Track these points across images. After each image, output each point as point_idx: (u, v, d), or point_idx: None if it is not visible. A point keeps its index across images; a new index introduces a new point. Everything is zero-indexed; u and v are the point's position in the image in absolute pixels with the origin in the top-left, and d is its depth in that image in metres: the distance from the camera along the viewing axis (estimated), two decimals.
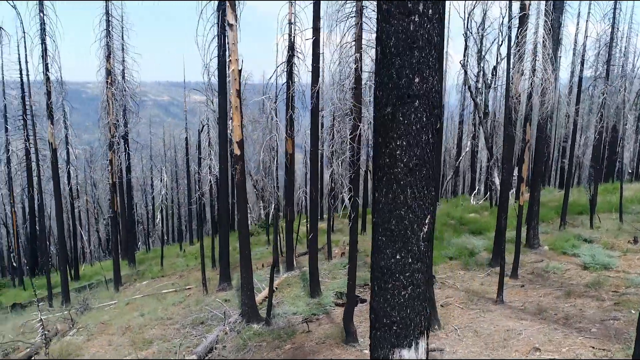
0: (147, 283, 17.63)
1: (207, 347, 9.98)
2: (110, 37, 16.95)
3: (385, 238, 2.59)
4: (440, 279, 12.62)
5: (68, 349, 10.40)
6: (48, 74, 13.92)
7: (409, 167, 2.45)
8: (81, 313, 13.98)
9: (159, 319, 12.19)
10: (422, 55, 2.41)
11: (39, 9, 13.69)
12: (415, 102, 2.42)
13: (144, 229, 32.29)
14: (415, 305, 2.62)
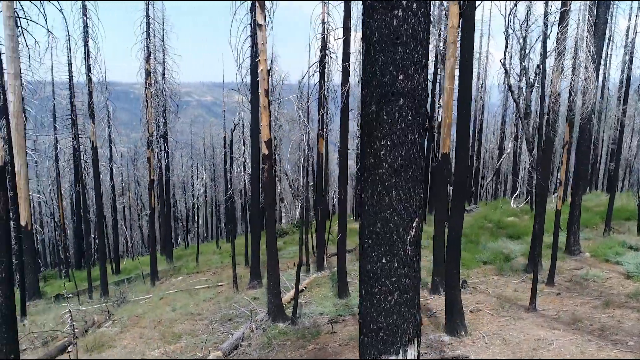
0: (182, 278, 18.06)
1: (233, 343, 10.08)
2: (150, 39, 17.49)
3: (370, 241, 2.51)
4: (472, 284, 12.26)
5: (101, 340, 10.78)
6: (90, 75, 14.52)
7: (394, 168, 2.35)
8: (118, 306, 14.46)
9: (189, 314, 12.43)
10: (407, 52, 2.30)
11: (83, 12, 14.32)
12: (400, 100, 2.32)
13: (183, 225, 33.17)
14: (402, 312, 2.51)
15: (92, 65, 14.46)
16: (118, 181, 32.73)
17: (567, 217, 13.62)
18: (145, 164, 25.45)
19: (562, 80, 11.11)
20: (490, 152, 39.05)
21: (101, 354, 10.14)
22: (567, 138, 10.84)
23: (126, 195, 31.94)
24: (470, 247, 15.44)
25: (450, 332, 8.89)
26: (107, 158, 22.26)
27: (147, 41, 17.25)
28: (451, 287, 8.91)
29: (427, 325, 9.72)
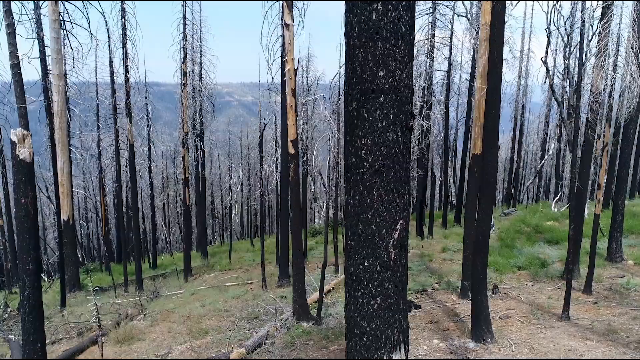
0: (214, 275, 18.38)
1: (257, 341, 10.15)
2: (186, 40, 17.90)
3: (353, 243, 2.43)
4: (504, 290, 11.86)
5: (131, 333, 11.08)
6: (127, 75, 15.00)
7: (375, 168, 2.27)
8: (151, 300, 14.85)
9: (217, 311, 12.62)
10: (387, 47, 2.21)
11: (121, 15, 14.81)
12: (380, 97, 2.23)
13: (219, 223, 33.77)
14: (385, 317, 2.42)
15: (130, 66, 14.93)
16: (159, 179, 33.72)
17: (610, 222, 12.98)
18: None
19: (603, 79, 10.58)
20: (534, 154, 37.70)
21: (130, 346, 10.42)
22: (606, 139, 10.30)
23: (166, 193, 32.83)
24: (504, 252, 14.97)
25: (476, 339, 8.61)
26: (146, 156, 22.95)
27: (184, 42, 17.65)
28: (478, 292, 8.63)
29: (453, 330, 9.47)
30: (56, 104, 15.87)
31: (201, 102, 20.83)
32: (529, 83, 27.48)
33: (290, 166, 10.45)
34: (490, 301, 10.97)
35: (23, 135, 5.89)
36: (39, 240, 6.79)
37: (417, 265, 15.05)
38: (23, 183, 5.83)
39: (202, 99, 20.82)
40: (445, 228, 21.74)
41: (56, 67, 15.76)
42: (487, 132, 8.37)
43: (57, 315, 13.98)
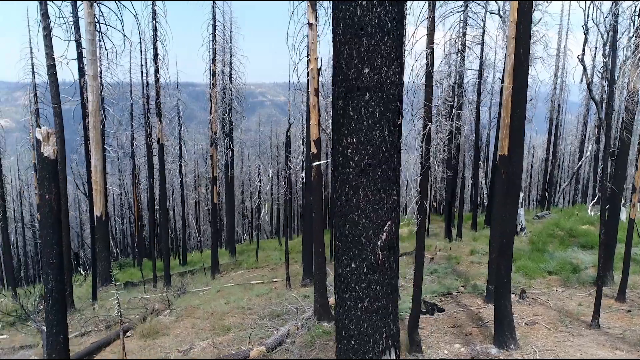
0: (241, 273, 18.58)
1: (277, 339, 10.19)
2: (216, 41, 18.16)
3: (341, 244, 2.38)
4: (533, 295, 11.50)
5: (156, 327, 11.31)
6: (158, 75, 15.36)
7: (361, 168, 2.21)
8: (178, 296, 15.14)
9: (240, 308, 12.74)
10: (372, 43, 2.15)
11: (152, 17, 15.18)
12: (366, 95, 2.17)
13: (249, 221, 34.16)
14: (373, 320, 2.36)
15: (160, 66, 15.28)
16: (191, 177, 34.36)
17: None
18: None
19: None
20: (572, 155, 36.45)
21: (154, 341, 10.64)
22: None
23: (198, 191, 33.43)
24: (535, 256, 14.53)
25: (499, 345, 8.38)
26: (177, 155, 23.42)
27: (213, 43, 17.93)
28: (501, 297, 8.40)
29: (476, 335, 9.25)
30: (90, 103, 16.38)
31: (230, 102, 21.11)
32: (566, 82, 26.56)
33: (311, 165, 10.44)
34: (517, 306, 10.68)
35: (48, 134, 6.06)
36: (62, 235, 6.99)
37: (443, 267, 14.78)
38: (47, 180, 6.01)
39: (232, 98, 21.09)
40: (474, 230, 21.29)
41: (91, 68, 16.27)
42: (512, 132, 8.12)
43: (88, 308, 14.44)
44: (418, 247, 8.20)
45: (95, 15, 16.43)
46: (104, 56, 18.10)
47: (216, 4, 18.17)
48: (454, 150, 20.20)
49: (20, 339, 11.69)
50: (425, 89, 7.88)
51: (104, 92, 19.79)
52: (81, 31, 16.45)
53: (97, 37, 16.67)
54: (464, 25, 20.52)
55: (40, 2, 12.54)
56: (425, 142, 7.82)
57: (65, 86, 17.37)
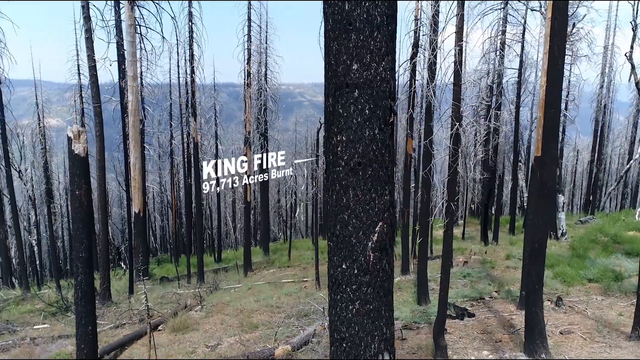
0: (272, 271, 18.73)
1: (303, 339, 10.20)
2: (251, 41, 18.38)
3: (332, 244, 2.33)
4: (570, 302, 11.02)
5: (186, 322, 11.57)
6: (193, 76, 15.70)
7: (350, 166, 2.15)
8: (210, 292, 15.42)
9: (269, 306, 12.84)
10: (361, 39, 2.09)
11: (189, 18, 15.54)
12: (355, 92, 2.11)
13: (283, 220, 34.45)
14: (364, 323, 2.30)
15: (196, 67, 15.62)
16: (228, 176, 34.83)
17: None
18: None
19: None
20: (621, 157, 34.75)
21: (184, 335, 10.88)
22: None
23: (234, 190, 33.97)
24: (575, 262, 13.93)
25: (529, 353, 8.07)
26: (214, 154, 23.88)
27: (248, 43, 18.16)
28: (532, 304, 8.08)
29: (506, 342, 8.95)
30: (130, 103, 16.90)
31: (265, 102, 21.33)
32: (614, 81, 25.32)
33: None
34: (552, 314, 10.26)
35: (78, 132, 6.26)
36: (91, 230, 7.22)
37: (477, 272, 14.41)
38: (78, 176, 6.22)
39: (267, 98, 21.31)
40: (512, 234, 20.64)
41: (131, 69, 16.78)
42: (545, 133, 7.80)
43: (124, 301, 14.92)
44: (445, 250, 8.00)
45: (136, 17, 16.95)
46: (144, 57, 18.65)
47: (252, 4, 18.42)
48: (492, 151, 19.65)
49: (59, 329, 12.22)
50: (454, 88, 7.68)
51: (144, 93, 20.40)
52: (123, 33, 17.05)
53: (137, 38, 17.20)
54: (503, 23, 19.93)
55: (82, 6, 13.07)
56: (453, 142, 7.62)
57: (108, 87, 18.03)
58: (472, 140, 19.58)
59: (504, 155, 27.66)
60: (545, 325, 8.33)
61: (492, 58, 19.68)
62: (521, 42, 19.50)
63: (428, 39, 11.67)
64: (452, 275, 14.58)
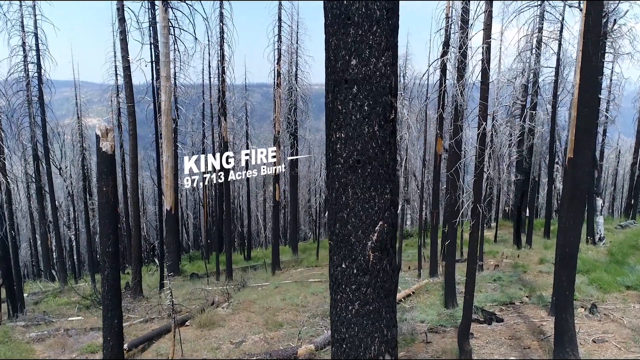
0: (300, 271, 18.79)
1: (327, 339, 10.16)
2: (281, 41, 18.48)
3: (332, 242, 2.29)
4: (605, 310, 10.58)
5: (213, 319, 11.73)
6: (224, 76, 15.93)
7: (349, 164, 2.11)
8: (238, 290, 15.60)
9: (295, 305, 12.87)
10: (359, 33, 2.04)
11: (220, 19, 15.76)
12: (354, 88, 2.07)
13: (313, 219, 34.54)
14: (364, 325, 2.25)
15: (226, 67, 15.83)
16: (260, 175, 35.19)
17: None
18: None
19: None
20: None
21: (210, 331, 11.03)
22: None
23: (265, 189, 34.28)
24: (612, 268, 13.37)
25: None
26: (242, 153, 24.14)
27: (279, 44, 18.29)
28: (562, 310, 7.79)
29: (535, 349, 8.67)
30: (163, 103, 17.29)
31: (295, 102, 21.44)
32: None
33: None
34: (585, 321, 9.88)
35: (106, 130, 6.42)
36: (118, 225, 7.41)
37: (508, 276, 14.03)
38: (105, 173, 6.38)
39: (297, 98, 21.41)
40: (547, 238, 20.00)
41: (165, 69, 17.17)
42: (579, 133, 7.50)
43: (155, 296, 15.26)
44: (470, 252, 7.82)
45: (169, 19, 17.32)
46: (177, 58, 19.03)
47: (282, 4, 18.54)
48: (526, 152, 19.10)
49: (92, 321, 12.60)
50: (481, 87, 7.49)
51: (177, 93, 20.82)
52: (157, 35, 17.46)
53: (171, 40, 17.57)
54: (540, 20, 19.34)
55: (117, 8, 13.45)
56: (479, 142, 7.43)
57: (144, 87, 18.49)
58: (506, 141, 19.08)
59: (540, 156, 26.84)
60: (576, 333, 8.01)
61: (527, 56, 19.12)
62: (558, 39, 18.86)
63: (457, 37, 11.44)
64: (482, 279, 14.27)
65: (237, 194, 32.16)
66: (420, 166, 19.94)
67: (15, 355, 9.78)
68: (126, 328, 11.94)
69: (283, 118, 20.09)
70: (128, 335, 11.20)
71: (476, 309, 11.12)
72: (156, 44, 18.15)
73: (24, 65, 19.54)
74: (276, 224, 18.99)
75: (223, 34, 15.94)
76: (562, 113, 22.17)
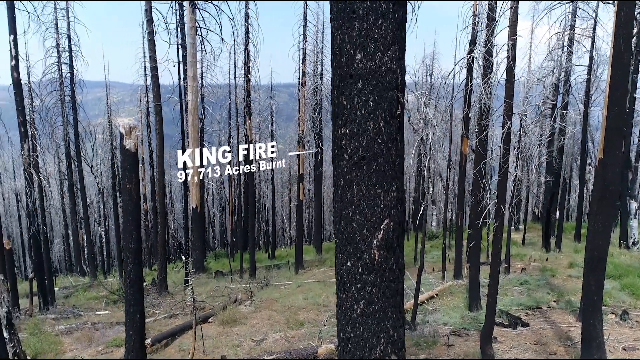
0: (323, 270, 18.76)
1: None
2: (306, 41, 18.52)
3: (338, 240, 2.26)
4: (638, 317, 10.20)
5: (235, 316, 11.82)
6: (249, 76, 16.05)
7: (354, 160, 2.07)
8: (261, 288, 15.69)
9: (317, 305, 12.86)
10: (364, 27, 2.00)
11: (245, 19, 15.91)
12: (359, 83, 2.03)
13: None
14: (369, 324, 2.21)
15: (251, 67, 15.96)
16: (285, 174, 35.42)
17: None
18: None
19: None
20: None
21: (232, 328, 11.12)
22: None
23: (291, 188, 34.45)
24: None
25: None
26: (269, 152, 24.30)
27: (304, 43, 18.31)
28: (590, 316, 7.54)
29: (561, 355, 8.42)
30: (190, 102, 17.54)
31: (320, 101, 21.45)
32: None
33: None
34: (616, 328, 9.55)
35: (130, 128, 6.52)
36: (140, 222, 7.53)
37: (535, 279, 13.68)
38: (128, 170, 6.49)
39: (322, 98, 21.42)
40: (577, 241, 19.40)
41: (191, 69, 17.42)
42: (609, 132, 7.25)
43: (180, 293, 15.50)
44: (494, 255, 7.64)
45: (197, 20, 17.56)
46: (204, 59, 19.27)
47: (308, 4, 18.58)
48: (556, 153, 18.58)
49: (118, 316, 12.88)
50: (506, 85, 7.30)
51: (204, 93, 21.09)
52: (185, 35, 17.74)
53: (198, 40, 17.81)
54: (572, 17, 18.79)
55: (146, 10, 13.72)
56: (504, 142, 7.25)
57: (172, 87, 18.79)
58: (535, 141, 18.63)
59: (572, 158, 26.10)
60: (605, 340, 7.74)
61: (558, 55, 18.60)
62: (591, 37, 18.29)
63: (483, 34, 11.21)
64: (508, 282, 13.95)
65: (263, 193, 32.39)
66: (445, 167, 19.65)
67: (45, 346, 10.08)
68: (151, 323, 12.17)
69: (308, 117, 20.12)
70: (152, 331, 11.42)
71: (501, 313, 10.87)
72: (184, 45, 18.44)
73: (58, 66, 20.15)
74: (300, 223, 19.02)
75: (248, 34, 16.07)
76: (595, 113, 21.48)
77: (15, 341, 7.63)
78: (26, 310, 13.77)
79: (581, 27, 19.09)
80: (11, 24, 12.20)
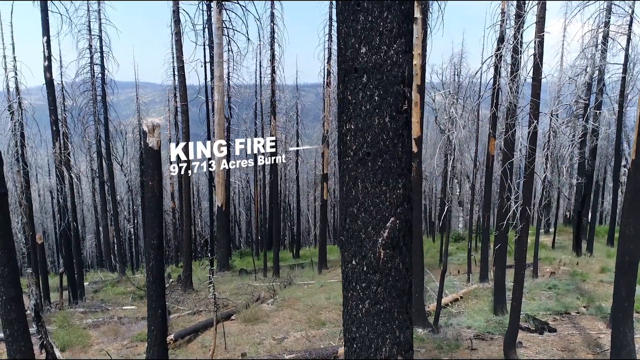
0: None
1: None
2: (332, 41, 18.44)
3: (343, 238, 2.22)
4: None
5: (257, 314, 11.89)
6: (274, 75, 16.13)
7: (359, 156, 2.02)
8: (284, 287, 15.74)
9: (338, 304, 12.80)
10: (369, 20, 1.95)
11: (271, 19, 16.00)
12: (363, 77, 1.98)
13: None
14: (375, 324, 2.16)
15: (276, 66, 16.04)
16: (311, 174, 35.50)
17: None
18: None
19: None
20: None
21: (254, 326, 11.19)
22: None
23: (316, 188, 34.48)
24: None
25: None
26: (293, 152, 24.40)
27: (329, 43, 18.27)
28: (621, 323, 7.26)
29: None
30: (216, 102, 17.75)
31: None
32: None
33: (412, 165, 10.07)
34: None
35: (153, 127, 6.61)
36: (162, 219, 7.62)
37: (564, 284, 13.29)
38: (151, 168, 6.59)
39: None
40: (610, 246, 18.76)
41: (218, 69, 17.61)
42: None
43: (204, 290, 15.69)
44: (518, 258, 7.44)
45: (223, 20, 17.74)
46: (231, 59, 19.46)
47: (333, 4, 18.45)
48: (588, 154, 18.01)
49: (144, 311, 13.10)
50: (533, 83, 7.10)
51: (231, 93, 21.31)
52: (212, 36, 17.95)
53: (224, 40, 17.99)
54: (607, 13, 18.18)
55: (173, 11, 13.94)
56: (530, 141, 7.05)
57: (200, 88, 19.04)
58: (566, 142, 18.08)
59: (606, 159, 25.25)
60: (636, 347, 7.44)
61: (592, 53, 18.02)
62: (627, 34, 17.64)
63: (511, 32, 10.95)
64: (536, 286, 13.60)
65: (288, 193, 32.53)
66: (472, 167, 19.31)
67: (72, 339, 10.35)
68: (175, 319, 12.36)
69: (332, 117, 20.08)
70: (176, 326, 11.59)
71: (527, 318, 10.60)
72: (211, 45, 18.66)
73: (90, 67, 20.69)
74: (324, 223, 19.01)
75: (274, 34, 16.16)
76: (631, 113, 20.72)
77: (43, 333, 7.85)
78: (56, 303, 14.19)
79: (616, 23, 18.44)
80: (44, 25, 12.58)
